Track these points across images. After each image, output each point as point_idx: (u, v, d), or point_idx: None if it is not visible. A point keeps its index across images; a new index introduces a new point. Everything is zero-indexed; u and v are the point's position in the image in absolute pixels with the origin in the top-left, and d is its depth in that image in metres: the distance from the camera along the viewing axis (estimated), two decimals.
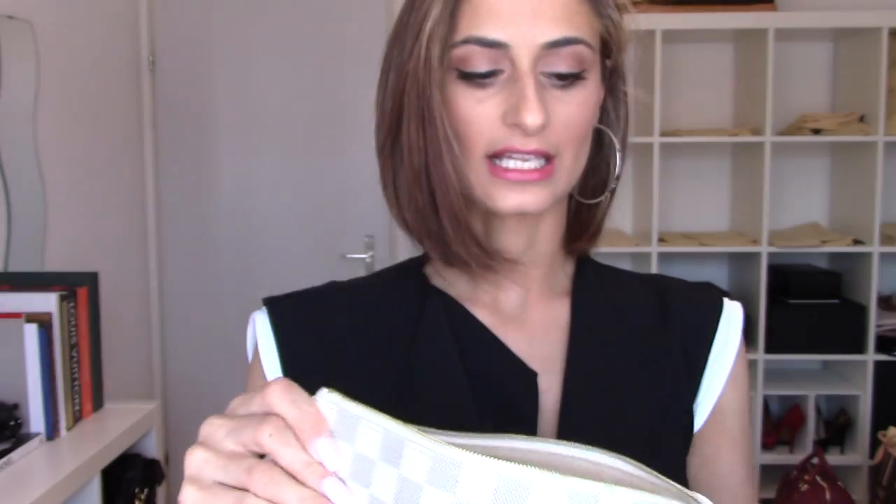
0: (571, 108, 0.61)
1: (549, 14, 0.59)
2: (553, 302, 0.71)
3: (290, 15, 2.95)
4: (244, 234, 3.03)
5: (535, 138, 0.60)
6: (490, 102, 0.61)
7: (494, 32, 0.59)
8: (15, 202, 2.01)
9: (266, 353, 0.68)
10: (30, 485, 1.36)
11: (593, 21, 0.62)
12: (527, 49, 0.59)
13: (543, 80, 0.61)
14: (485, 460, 0.40)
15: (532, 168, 0.61)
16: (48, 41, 2.20)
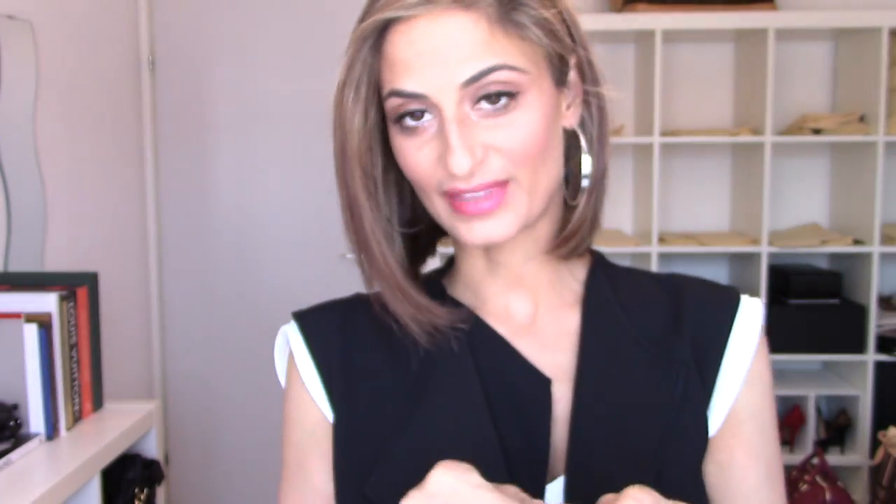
0: (513, 132, 0.62)
1: (458, 55, 0.60)
2: (564, 310, 0.72)
3: (290, 15, 2.95)
4: (244, 234, 3.04)
5: (476, 175, 0.62)
6: (426, 149, 0.63)
7: (410, 84, 0.61)
8: (15, 202, 2.01)
9: (302, 363, 0.73)
10: (30, 485, 1.35)
11: (515, 42, 0.62)
12: (445, 94, 0.61)
13: (474, 115, 0.62)
14: None
15: (488, 203, 0.63)
16: (48, 41, 2.20)
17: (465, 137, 0.61)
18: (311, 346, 0.73)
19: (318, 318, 0.74)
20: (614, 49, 2.96)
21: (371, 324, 0.72)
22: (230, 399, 3.10)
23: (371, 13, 0.63)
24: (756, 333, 0.70)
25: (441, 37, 0.60)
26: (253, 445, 3.12)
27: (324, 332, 0.73)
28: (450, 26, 0.60)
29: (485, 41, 0.60)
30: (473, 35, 0.60)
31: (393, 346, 0.70)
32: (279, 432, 2.94)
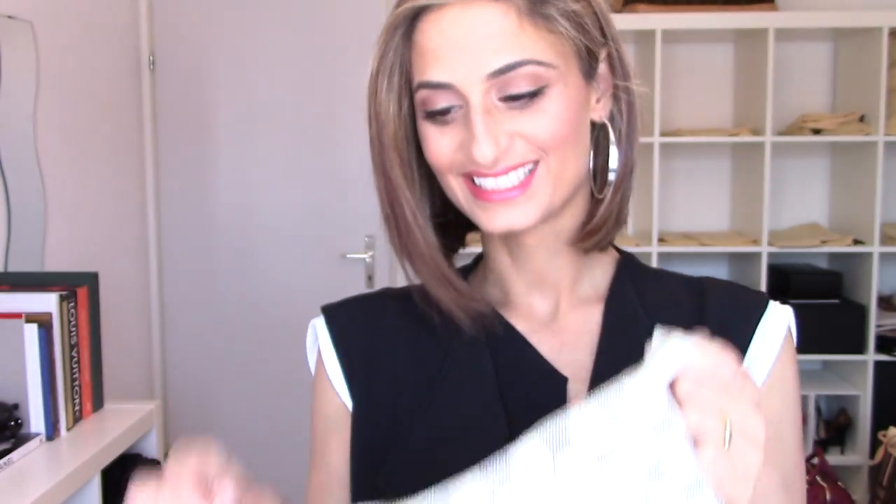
0: (540, 121, 0.62)
1: (487, 46, 0.61)
2: (586, 308, 0.72)
3: (290, 15, 2.95)
4: (244, 234, 3.03)
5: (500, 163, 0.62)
6: (450, 135, 0.64)
7: (438, 75, 0.62)
8: (15, 202, 2.01)
9: (327, 354, 0.75)
10: (30, 485, 1.35)
11: (543, 35, 0.62)
12: (472, 84, 0.62)
13: (501, 105, 0.63)
14: None
15: (511, 186, 0.63)
16: (48, 41, 2.20)
17: (490, 126, 0.62)
18: (335, 337, 0.75)
19: (344, 310, 0.77)
20: None
21: (396, 317, 0.74)
22: (230, 399, 3.10)
23: (404, 1, 0.64)
24: (780, 339, 0.69)
25: (471, 26, 0.61)
26: (253, 445, 3.11)
27: (349, 325, 0.75)
28: (480, 16, 0.61)
29: (514, 33, 0.61)
30: (502, 26, 0.61)
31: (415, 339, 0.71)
32: (279, 432, 2.97)
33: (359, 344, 0.74)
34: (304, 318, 2.88)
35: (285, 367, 3.09)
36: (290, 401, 3.10)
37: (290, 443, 3.11)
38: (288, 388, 3.09)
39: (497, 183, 0.63)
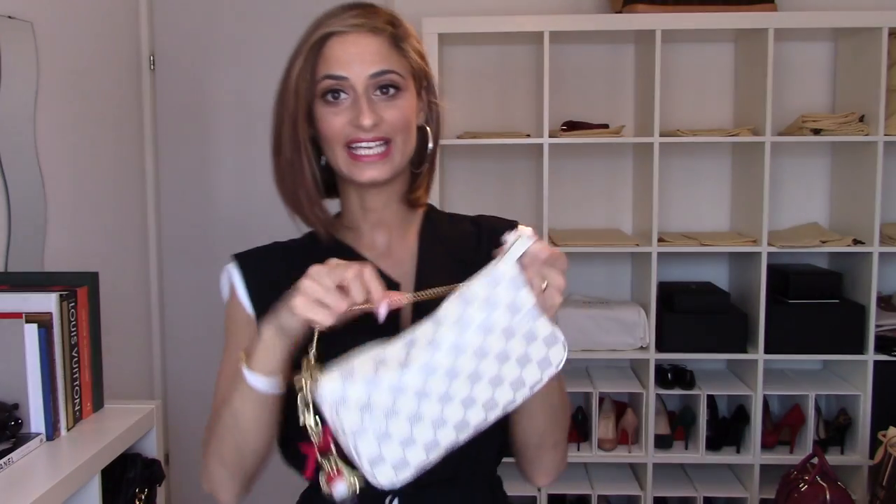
0: (395, 110, 1.01)
1: (370, 58, 1.00)
2: (408, 240, 1.11)
3: (290, 14, 2.95)
4: (244, 234, 3.02)
5: (372, 131, 0.99)
6: (341, 114, 1.00)
7: (339, 70, 0.99)
8: (15, 202, 2.01)
9: (238, 286, 1.08)
10: (30, 485, 1.36)
11: (401, 59, 1.02)
12: (359, 80, 0.99)
13: (374, 96, 1.00)
14: None
15: (376, 153, 1.00)
16: (48, 41, 2.20)
17: (370, 106, 0.99)
18: (243, 273, 1.09)
19: (248, 255, 1.13)
20: (614, 49, 2.96)
21: (283, 257, 1.12)
22: None
23: (323, 27, 1.01)
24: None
25: (362, 46, 1.00)
26: None
27: (252, 264, 1.11)
28: (366, 42, 1.00)
29: (385, 54, 1.01)
30: (379, 49, 1.00)
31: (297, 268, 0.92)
32: None
33: (258, 276, 1.09)
34: None
35: None
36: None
37: None
38: None
39: (368, 151, 1.00)
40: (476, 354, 0.85)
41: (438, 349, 0.84)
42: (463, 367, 0.85)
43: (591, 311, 2.78)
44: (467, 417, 0.86)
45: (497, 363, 0.86)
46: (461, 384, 0.85)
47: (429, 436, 0.85)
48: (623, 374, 2.95)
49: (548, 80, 2.66)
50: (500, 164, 3.00)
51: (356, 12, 1.01)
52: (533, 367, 0.87)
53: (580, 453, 2.82)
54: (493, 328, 0.85)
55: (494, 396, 0.86)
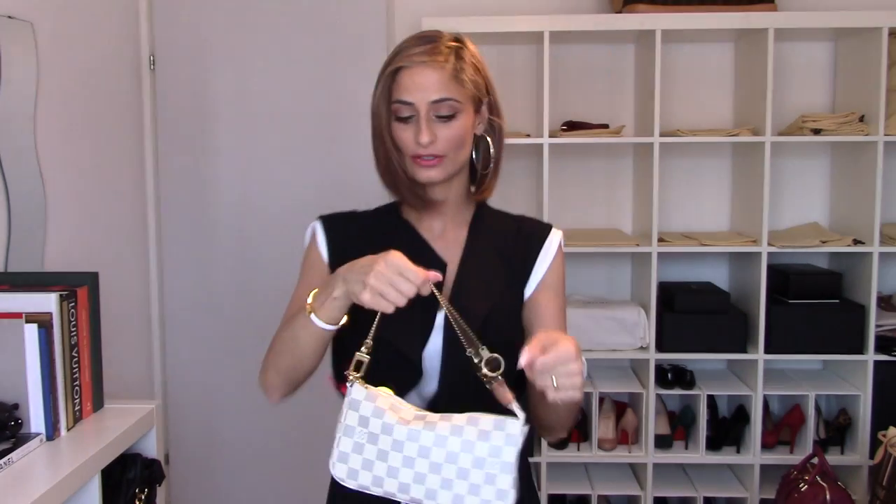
0: (449, 131, 1.23)
1: (431, 87, 1.21)
2: (460, 229, 1.34)
3: (290, 14, 2.95)
4: (244, 234, 3.04)
5: (430, 147, 1.22)
6: (408, 130, 1.24)
7: (407, 97, 1.22)
8: (15, 202, 2.01)
9: (321, 242, 1.33)
10: (30, 485, 1.36)
11: (459, 87, 1.23)
12: (422, 105, 1.21)
13: (434, 118, 1.22)
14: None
15: (430, 162, 1.24)
16: (48, 41, 2.20)
17: (429, 127, 1.22)
18: (326, 230, 1.33)
19: (331, 218, 1.35)
20: (614, 49, 2.96)
21: (360, 229, 1.33)
22: (230, 399, 3.10)
23: (395, 61, 1.23)
24: (555, 248, 1.32)
25: (425, 77, 1.21)
26: (253, 445, 3.12)
27: (333, 224, 1.34)
28: (429, 73, 1.21)
29: (445, 84, 1.22)
30: (440, 79, 1.21)
31: (371, 241, 1.24)
32: (278, 432, 2.97)
33: (338, 235, 1.32)
34: None
35: None
36: (289, 400, 3.10)
37: (289, 442, 3.11)
38: None
39: (427, 160, 1.23)
40: (448, 457, 1.05)
41: (431, 430, 1.06)
42: (435, 455, 1.05)
43: (591, 311, 2.78)
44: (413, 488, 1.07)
45: (456, 476, 1.05)
46: (426, 465, 1.06)
47: (382, 475, 1.08)
48: (623, 374, 2.95)
49: (548, 80, 2.66)
50: None
51: (422, 49, 1.22)
52: (474, 499, 1.04)
53: (580, 453, 2.82)
54: (473, 450, 1.04)
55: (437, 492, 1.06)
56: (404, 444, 1.06)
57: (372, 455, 1.08)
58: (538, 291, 1.29)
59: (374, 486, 1.09)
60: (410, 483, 1.06)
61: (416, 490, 1.06)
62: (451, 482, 1.05)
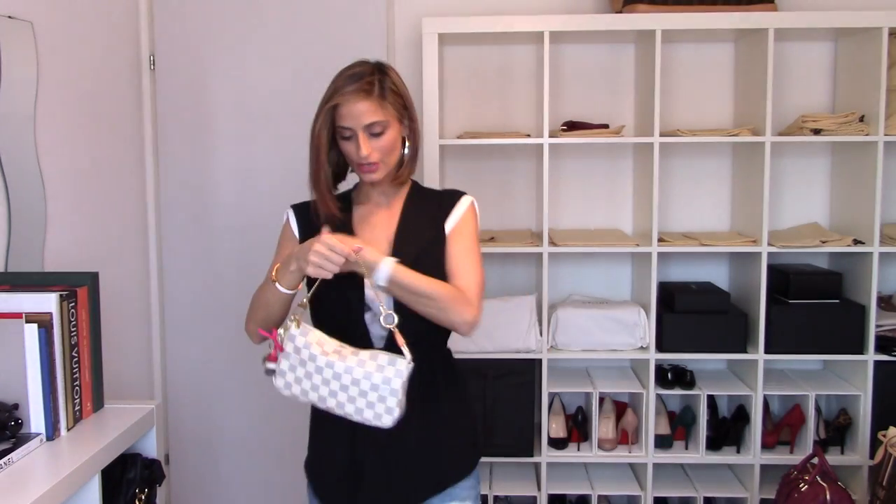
0: (381, 144, 1.59)
1: (364, 115, 1.56)
2: (397, 204, 1.71)
3: (290, 15, 2.95)
4: (244, 234, 3.03)
5: (368, 157, 1.59)
6: (352, 146, 1.60)
7: (347, 123, 1.58)
8: (15, 202, 2.01)
9: (293, 223, 1.73)
10: (30, 485, 1.36)
11: (384, 110, 1.58)
12: (358, 128, 1.57)
13: (369, 136, 1.58)
14: None
15: (371, 168, 1.61)
16: (48, 41, 2.20)
17: (365, 143, 1.58)
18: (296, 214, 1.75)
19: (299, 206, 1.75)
20: (614, 49, 2.96)
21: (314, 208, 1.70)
22: (230, 399, 3.10)
23: (333, 99, 1.58)
24: (464, 207, 1.69)
25: (357, 108, 1.56)
26: (253, 445, 3.12)
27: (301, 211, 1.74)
28: (361, 104, 1.56)
29: (373, 111, 1.57)
30: (369, 107, 1.56)
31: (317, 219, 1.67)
32: (278, 432, 2.98)
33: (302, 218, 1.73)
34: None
35: None
36: (288, 402, 3.10)
37: (289, 442, 3.11)
38: None
39: (369, 166, 1.61)
40: (353, 381, 1.46)
41: (343, 361, 1.46)
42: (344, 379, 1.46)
43: (591, 311, 2.78)
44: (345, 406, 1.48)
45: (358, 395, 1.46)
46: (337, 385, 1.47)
47: (307, 389, 1.50)
48: (623, 374, 2.95)
49: (548, 80, 2.66)
50: (500, 164, 3.00)
51: (353, 87, 1.57)
52: (377, 410, 1.46)
53: (580, 453, 2.82)
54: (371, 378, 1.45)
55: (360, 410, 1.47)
56: (323, 369, 1.46)
57: (301, 374, 1.49)
58: (450, 237, 1.66)
59: (301, 396, 1.51)
60: (326, 396, 1.47)
61: (330, 402, 1.48)
62: (355, 399, 1.45)
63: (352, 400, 1.45)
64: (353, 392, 1.45)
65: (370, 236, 1.64)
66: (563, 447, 2.83)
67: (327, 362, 1.46)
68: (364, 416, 1.46)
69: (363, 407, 1.45)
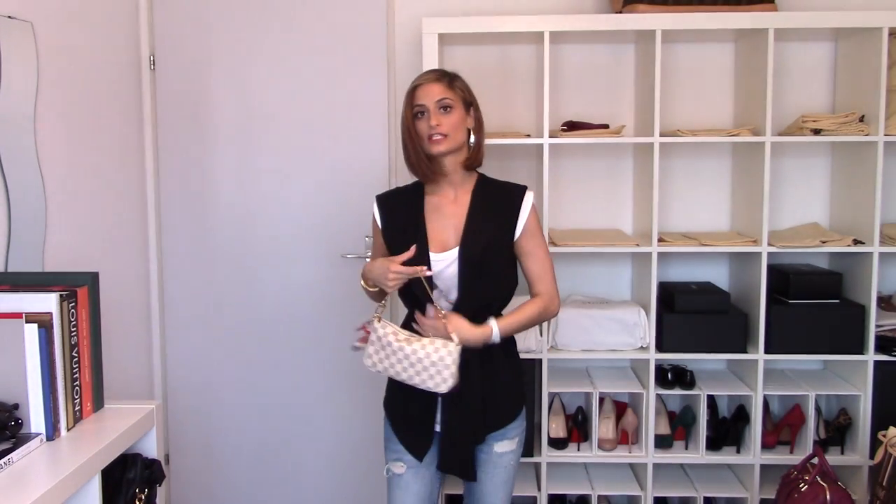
0: (448, 119, 1.94)
1: (435, 93, 1.94)
2: (465, 194, 2.01)
3: (290, 15, 2.95)
4: (244, 234, 3.03)
5: (437, 129, 1.92)
6: (424, 123, 1.94)
7: (422, 101, 1.95)
8: (15, 202, 2.01)
9: (377, 214, 2.05)
10: (30, 485, 1.36)
11: (452, 92, 1.95)
12: (430, 103, 1.94)
13: (439, 111, 1.93)
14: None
15: (438, 140, 1.93)
16: (48, 41, 2.20)
17: (435, 115, 1.93)
18: (379, 206, 2.05)
19: (383, 196, 2.09)
20: (614, 49, 2.96)
21: (398, 200, 2.06)
22: (230, 399, 3.10)
23: (414, 83, 1.97)
24: (529, 205, 2.01)
25: (431, 88, 1.95)
26: (253, 445, 3.12)
27: (383, 201, 2.06)
28: (433, 86, 1.95)
29: (443, 90, 1.94)
30: (440, 88, 1.95)
31: (404, 205, 2.04)
32: (278, 432, 2.99)
33: (385, 208, 2.05)
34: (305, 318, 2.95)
35: (285, 367, 3.09)
36: (289, 400, 3.10)
37: (289, 442, 3.11)
38: (287, 387, 3.09)
39: (437, 137, 1.93)
40: (417, 360, 1.90)
41: (410, 345, 1.91)
42: (411, 358, 1.90)
43: (591, 311, 2.78)
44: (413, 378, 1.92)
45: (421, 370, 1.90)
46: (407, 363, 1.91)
47: (387, 366, 1.95)
48: (623, 374, 2.95)
49: (548, 80, 2.66)
50: (500, 164, 3.00)
51: (429, 76, 1.97)
52: (436, 381, 1.89)
53: (580, 453, 2.82)
54: (430, 357, 1.88)
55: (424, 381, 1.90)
56: (396, 352, 1.91)
57: (382, 356, 1.94)
58: (522, 236, 1.99)
59: (382, 371, 1.95)
60: (400, 371, 1.92)
61: (402, 375, 1.92)
62: (420, 372, 1.89)
63: (418, 373, 1.89)
64: (418, 368, 1.88)
65: (439, 225, 1.98)
66: (563, 447, 2.83)
67: (399, 347, 1.90)
68: (427, 385, 1.89)
69: (426, 378, 1.88)
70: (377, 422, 3.25)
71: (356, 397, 3.07)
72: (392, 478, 2.06)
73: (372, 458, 3.08)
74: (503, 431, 2.03)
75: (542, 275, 2.01)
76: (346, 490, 3.13)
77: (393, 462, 2.06)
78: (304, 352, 3.06)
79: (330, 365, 3.06)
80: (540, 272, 2.01)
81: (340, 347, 3.06)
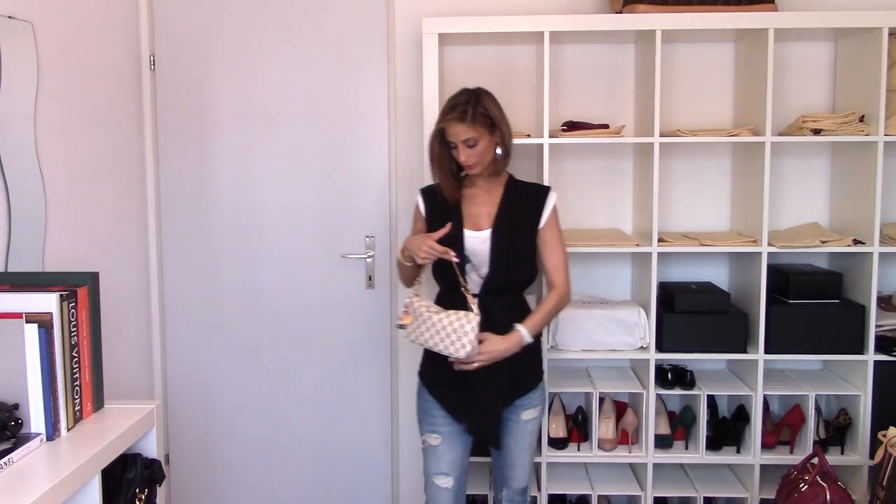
0: (475, 152, 2.22)
1: (461, 133, 2.20)
2: (496, 192, 2.32)
3: (290, 15, 2.95)
4: (244, 235, 3.03)
5: (467, 162, 2.23)
6: (458, 153, 2.24)
7: (451, 138, 2.23)
8: (15, 202, 2.01)
9: (421, 204, 2.37)
10: (30, 485, 1.36)
11: (476, 128, 2.19)
12: (458, 142, 2.22)
13: (466, 147, 2.21)
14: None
15: (470, 167, 2.25)
16: (48, 41, 2.20)
17: (464, 151, 2.22)
18: (423, 197, 2.37)
19: (427, 189, 2.39)
20: (614, 49, 2.96)
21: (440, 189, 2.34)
22: (230, 399, 3.10)
23: (441, 122, 2.24)
24: (552, 202, 2.30)
25: (456, 129, 2.20)
26: (253, 445, 3.12)
27: (427, 193, 2.37)
28: (458, 126, 2.20)
29: (466, 129, 2.19)
30: (463, 129, 2.19)
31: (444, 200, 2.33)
32: (278, 432, 2.99)
33: (428, 199, 2.36)
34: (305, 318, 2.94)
35: (285, 367, 3.09)
36: (289, 400, 3.10)
37: (289, 442, 3.11)
38: (287, 387, 3.09)
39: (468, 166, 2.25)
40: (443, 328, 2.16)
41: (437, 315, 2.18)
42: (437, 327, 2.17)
43: (591, 311, 2.78)
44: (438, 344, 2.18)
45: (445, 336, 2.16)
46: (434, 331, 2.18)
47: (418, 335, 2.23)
48: (623, 374, 2.95)
49: (548, 80, 2.66)
50: None
51: (452, 114, 2.20)
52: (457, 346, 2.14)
53: (580, 453, 2.82)
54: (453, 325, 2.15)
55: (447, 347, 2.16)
56: (426, 322, 2.19)
57: (416, 326, 2.21)
58: (544, 229, 2.27)
59: (416, 341, 2.22)
60: (428, 339, 2.18)
61: (430, 342, 2.19)
62: (444, 339, 2.15)
63: (441, 340, 2.16)
64: (442, 335, 2.15)
65: (475, 211, 2.28)
66: (563, 447, 2.83)
67: (428, 317, 2.18)
68: (448, 350, 2.15)
69: (448, 344, 2.15)
70: (377, 422, 3.26)
71: (356, 397, 3.07)
72: (428, 448, 2.32)
73: (372, 458, 3.08)
74: (528, 398, 2.31)
75: (557, 266, 2.28)
76: (346, 490, 3.13)
77: (429, 434, 2.32)
78: (304, 352, 3.06)
79: (330, 365, 3.06)
80: (556, 264, 2.28)
81: (340, 347, 3.06)
